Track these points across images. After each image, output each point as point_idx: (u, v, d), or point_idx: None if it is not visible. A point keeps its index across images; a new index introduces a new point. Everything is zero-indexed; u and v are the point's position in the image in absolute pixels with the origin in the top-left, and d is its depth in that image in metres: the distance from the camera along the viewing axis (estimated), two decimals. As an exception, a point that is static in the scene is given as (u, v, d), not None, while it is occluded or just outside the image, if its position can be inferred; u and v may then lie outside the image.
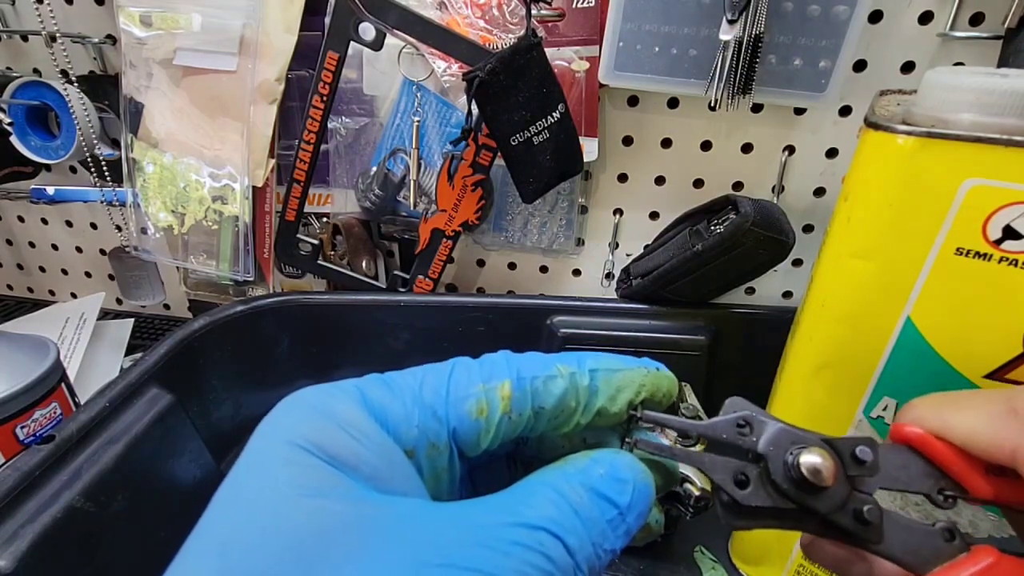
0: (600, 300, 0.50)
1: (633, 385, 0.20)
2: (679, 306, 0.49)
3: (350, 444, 0.16)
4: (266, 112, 0.51)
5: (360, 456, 0.16)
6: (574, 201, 0.55)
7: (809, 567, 0.36)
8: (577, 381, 0.19)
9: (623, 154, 0.53)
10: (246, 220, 0.54)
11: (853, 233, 0.28)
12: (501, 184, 0.54)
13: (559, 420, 0.19)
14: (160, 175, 0.54)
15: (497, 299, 0.51)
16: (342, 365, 0.52)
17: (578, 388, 0.19)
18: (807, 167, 0.51)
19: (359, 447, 0.16)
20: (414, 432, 0.17)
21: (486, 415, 0.18)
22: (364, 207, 0.55)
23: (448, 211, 0.51)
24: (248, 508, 0.14)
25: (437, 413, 0.17)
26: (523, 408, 0.18)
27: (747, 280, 0.46)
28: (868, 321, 0.28)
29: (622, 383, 0.20)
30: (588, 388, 0.19)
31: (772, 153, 0.51)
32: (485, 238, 0.57)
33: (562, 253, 0.58)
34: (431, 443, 0.17)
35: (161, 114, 0.53)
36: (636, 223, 0.56)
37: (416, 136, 0.51)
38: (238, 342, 0.48)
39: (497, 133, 0.44)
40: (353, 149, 0.54)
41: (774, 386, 0.37)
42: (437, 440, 0.17)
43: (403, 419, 0.17)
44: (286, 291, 0.54)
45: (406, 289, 0.55)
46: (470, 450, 0.18)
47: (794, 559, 0.36)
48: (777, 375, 0.37)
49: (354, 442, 0.16)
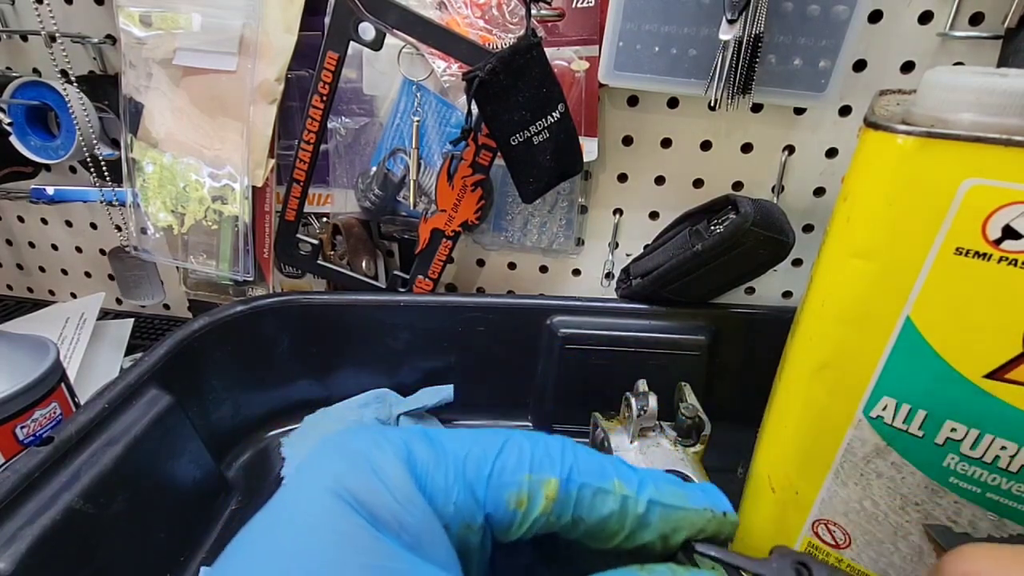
0: (600, 300, 0.50)
1: (692, 528, 0.18)
2: (679, 306, 0.49)
3: (395, 509, 0.15)
4: (266, 112, 0.51)
5: (403, 524, 0.15)
6: (574, 201, 0.55)
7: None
8: (629, 508, 0.17)
9: (623, 154, 0.53)
10: (246, 220, 0.54)
11: (853, 233, 0.28)
12: (501, 184, 0.54)
13: (598, 536, 0.18)
14: (160, 175, 0.54)
15: (497, 299, 0.51)
16: (342, 365, 0.52)
17: (628, 514, 0.17)
18: (807, 167, 0.51)
19: (403, 514, 0.15)
20: (451, 508, 0.17)
21: (524, 509, 0.17)
22: (364, 207, 0.55)
23: (448, 211, 0.51)
24: (287, 562, 0.14)
25: (476, 494, 0.17)
26: (564, 513, 0.17)
27: (747, 280, 0.46)
28: (868, 321, 0.28)
29: (680, 523, 0.18)
30: (640, 519, 0.17)
31: (772, 153, 0.51)
32: (485, 238, 0.57)
33: (562, 253, 0.58)
34: (466, 523, 0.17)
35: (161, 114, 0.53)
36: (636, 223, 0.56)
37: (416, 136, 0.51)
38: (238, 342, 0.48)
39: (497, 133, 0.44)
40: (353, 149, 0.54)
41: (774, 386, 0.37)
42: (472, 521, 0.17)
43: (443, 492, 0.16)
44: (286, 291, 0.54)
45: (406, 289, 0.55)
46: (499, 535, 0.17)
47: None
48: (777, 375, 0.36)
49: (399, 508, 0.15)
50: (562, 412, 0.52)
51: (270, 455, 0.49)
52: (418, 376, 0.53)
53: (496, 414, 0.54)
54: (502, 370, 0.53)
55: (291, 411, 0.52)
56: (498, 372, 0.53)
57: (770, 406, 0.37)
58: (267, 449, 0.50)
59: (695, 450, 0.37)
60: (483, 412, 0.54)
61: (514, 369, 0.52)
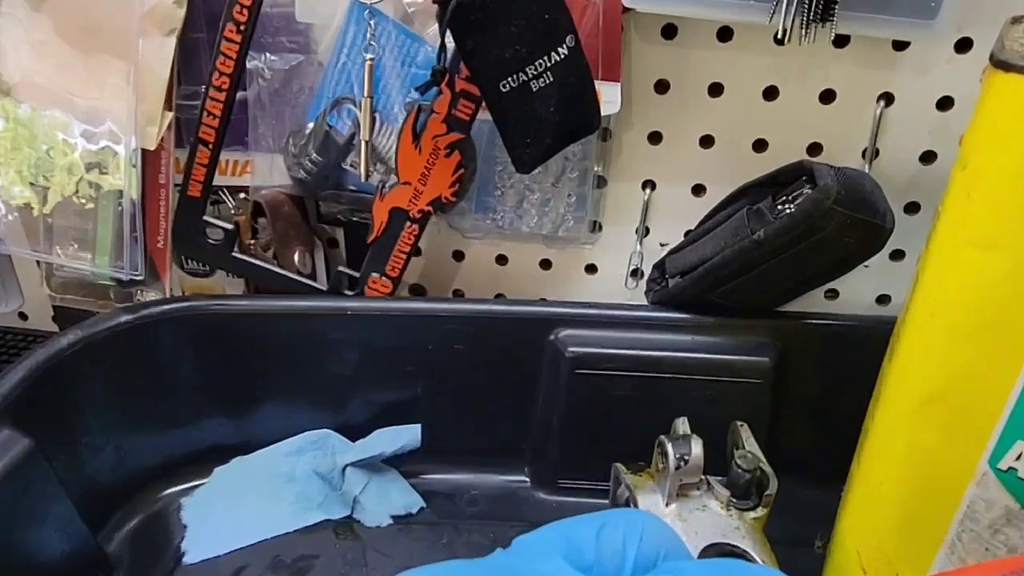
0: (624, 307, 0.50)
1: None
2: (733, 315, 0.49)
3: None
4: (161, 46, 0.51)
5: None
6: (588, 170, 0.55)
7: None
8: None
9: (656, 105, 0.53)
10: (133, 196, 0.53)
11: (975, 214, 0.28)
12: (487, 147, 0.54)
13: None
14: (14, 134, 0.54)
15: (481, 305, 0.51)
16: (266, 398, 0.52)
17: None
18: (910, 123, 0.51)
19: None
20: None
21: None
22: (297, 178, 0.55)
23: (413, 184, 0.51)
24: None
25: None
26: None
27: (827, 280, 0.46)
28: (996, 336, 0.28)
29: None
30: None
31: (862, 104, 0.51)
32: (465, 221, 0.57)
33: (572, 242, 0.58)
34: None
35: (15, 49, 0.53)
36: (674, 200, 0.56)
37: (369, 80, 0.50)
38: (122, 365, 0.48)
39: (481, 76, 0.44)
40: (282, 98, 0.54)
41: (865, 425, 0.37)
42: None
43: None
44: (189, 295, 0.54)
45: (355, 292, 0.55)
46: None
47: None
48: (869, 411, 0.36)
49: None
50: (571, 462, 0.52)
51: (166, 521, 0.49)
52: (372, 412, 0.53)
53: (479, 464, 0.54)
54: (488, 404, 0.52)
55: (195, 461, 0.52)
56: (483, 407, 0.53)
57: (859, 455, 0.37)
58: (162, 513, 0.49)
59: (755, 515, 0.37)
60: (462, 462, 0.54)
61: (505, 402, 0.52)
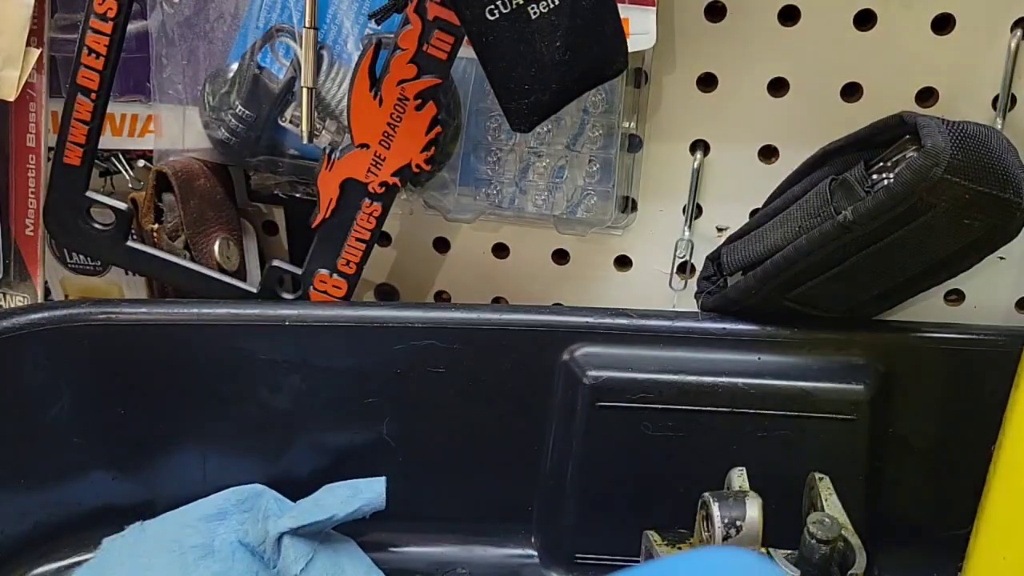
0: (664, 316, 0.50)
1: None
2: (814, 327, 0.49)
3: None
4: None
5: None
6: (614, 127, 0.54)
7: None
8: None
9: (706, 37, 0.53)
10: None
11: None
12: (475, 96, 0.54)
13: None
14: None
15: (471, 314, 0.51)
16: (175, 442, 0.52)
17: None
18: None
19: None
20: None
21: None
22: (218, 139, 0.55)
23: (373, 147, 0.51)
24: None
25: None
26: None
27: (944, 277, 0.47)
28: None
29: None
30: None
31: (992, 34, 0.51)
32: (447, 199, 0.57)
33: (594, 227, 0.58)
34: None
35: None
36: (734, 168, 0.56)
37: (312, 5, 0.51)
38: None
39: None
40: (194, 29, 0.54)
41: (988, 478, 0.37)
42: None
43: None
44: (69, 300, 0.54)
45: (296, 295, 0.55)
46: None
47: None
48: (994, 456, 0.36)
49: None
50: (592, 528, 0.52)
51: (37, 613, 0.49)
52: (320, 461, 0.53)
53: (470, 533, 0.54)
54: (481, 449, 0.53)
55: (76, 528, 0.52)
56: (473, 453, 0.53)
57: (980, 519, 0.37)
58: (31, 602, 0.50)
59: None
60: (445, 529, 0.54)
61: (503, 447, 0.52)
